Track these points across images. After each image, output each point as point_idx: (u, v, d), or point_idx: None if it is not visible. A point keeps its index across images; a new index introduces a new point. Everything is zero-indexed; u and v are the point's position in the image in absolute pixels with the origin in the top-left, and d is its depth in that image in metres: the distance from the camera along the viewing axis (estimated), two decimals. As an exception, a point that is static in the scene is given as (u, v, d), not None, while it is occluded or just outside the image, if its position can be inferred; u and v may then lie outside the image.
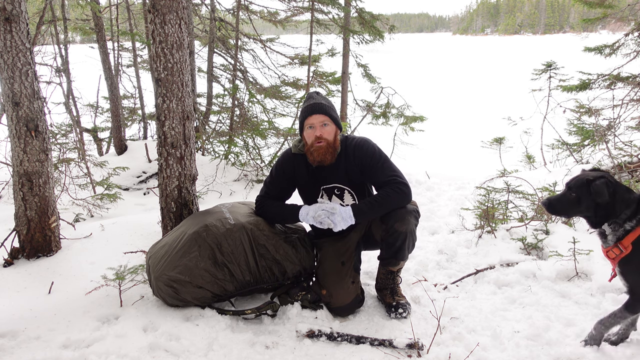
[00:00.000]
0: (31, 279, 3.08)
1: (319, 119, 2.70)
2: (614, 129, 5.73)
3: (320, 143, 2.69)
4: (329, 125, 2.71)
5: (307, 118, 2.71)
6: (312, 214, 2.68)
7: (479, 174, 6.01)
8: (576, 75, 6.40)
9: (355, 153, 2.77)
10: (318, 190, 2.83)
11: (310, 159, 2.74)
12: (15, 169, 3.23)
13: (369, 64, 8.66)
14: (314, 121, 2.70)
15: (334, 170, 2.78)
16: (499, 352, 2.36)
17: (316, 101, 2.73)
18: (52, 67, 6.92)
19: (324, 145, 2.69)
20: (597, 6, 6.03)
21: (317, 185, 2.83)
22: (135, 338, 2.39)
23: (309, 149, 2.73)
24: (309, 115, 2.71)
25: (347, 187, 2.80)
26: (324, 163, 2.72)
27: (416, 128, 8.59)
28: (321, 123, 2.70)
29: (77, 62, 7.87)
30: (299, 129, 2.82)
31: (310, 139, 2.71)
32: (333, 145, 2.72)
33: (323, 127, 2.70)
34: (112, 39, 8.75)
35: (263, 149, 7.00)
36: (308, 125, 2.72)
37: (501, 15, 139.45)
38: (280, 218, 2.84)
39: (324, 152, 2.69)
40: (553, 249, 3.31)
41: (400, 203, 2.66)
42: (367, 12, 8.00)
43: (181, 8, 2.98)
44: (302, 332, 2.50)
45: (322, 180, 2.81)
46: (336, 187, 2.81)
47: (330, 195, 2.82)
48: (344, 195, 2.82)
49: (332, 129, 2.73)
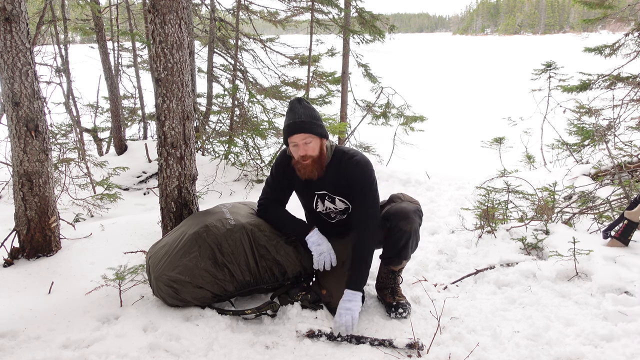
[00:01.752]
0: (31, 279, 3.08)
1: (301, 138, 2.62)
2: (614, 129, 5.73)
3: (306, 161, 2.65)
4: (312, 142, 2.64)
5: (289, 137, 2.66)
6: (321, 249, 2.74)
7: (479, 174, 6.01)
8: (576, 75, 6.41)
9: (349, 169, 2.70)
10: (313, 195, 2.83)
11: (299, 174, 2.72)
12: (15, 169, 3.23)
13: (369, 63, 8.66)
14: (296, 140, 2.64)
15: (323, 181, 2.75)
16: (499, 352, 2.36)
17: (296, 119, 2.64)
18: (52, 67, 6.92)
19: (310, 162, 2.65)
20: (597, 6, 6.03)
21: (311, 190, 2.83)
22: (135, 338, 2.39)
23: (296, 164, 2.71)
24: (290, 136, 2.65)
25: (336, 196, 2.79)
26: (312, 179, 2.70)
27: (416, 128, 8.60)
28: (303, 141, 2.63)
29: (77, 62, 7.88)
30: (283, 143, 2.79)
31: (296, 156, 2.68)
32: (319, 160, 2.68)
33: (306, 145, 2.63)
34: (112, 39, 8.75)
35: (263, 149, 7.01)
36: (292, 143, 2.67)
37: (501, 15, 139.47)
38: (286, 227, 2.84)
39: (311, 169, 2.66)
40: (553, 249, 3.31)
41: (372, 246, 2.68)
42: (367, 12, 8.01)
43: (181, 8, 2.98)
44: (302, 332, 2.50)
45: (314, 187, 2.80)
46: (327, 195, 2.80)
47: (323, 200, 2.82)
48: (335, 201, 2.81)
49: (316, 144, 2.66)
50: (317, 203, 2.83)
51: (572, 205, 4.27)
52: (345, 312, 2.52)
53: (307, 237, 2.76)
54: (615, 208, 3.94)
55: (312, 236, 2.76)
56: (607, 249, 3.29)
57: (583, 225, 3.90)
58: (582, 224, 3.92)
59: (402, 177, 6.09)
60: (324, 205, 2.83)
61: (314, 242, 2.75)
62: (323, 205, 2.82)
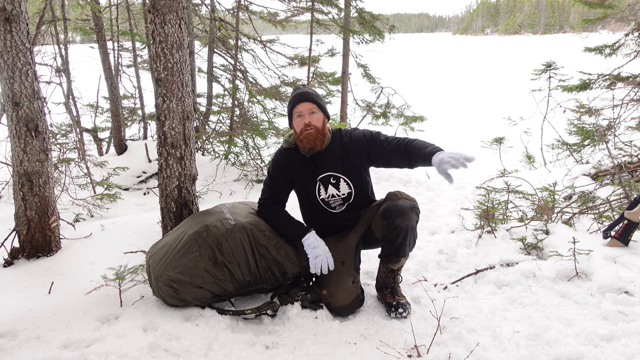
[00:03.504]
0: (31, 279, 3.08)
1: (307, 107, 2.75)
2: (614, 129, 5.73)
3: (309, 130, 2.73)
4: (317, 113, 2.77)
5: (295, 106, 2.77)
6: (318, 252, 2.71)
7: (479, 174, 6.01)
8: (576, 75, 6.40)
9: (350, 140, 2.84)
10: (315, 182, 2.84)
11: (301, 146, 2.79)
12: (15, 169, 3.23)
13: (369, 64, 8.66)
14: (302, 109, 2.75)
15: (327, 157, 2.82)
16: (499, 352, 2.36)
17: (303, 90, 2.80)
18: (52, 67, 6.91)
19: (313, 132, 2.74)
20: (597, 6, 6.03)
21: (313, 176, 2.84)
22: (135, 338, 2.39)
23: (298, 137, 2.78)
24: (297, 104, 2.77)
25: (342, 175, 2.82)
26: (314, 149, 2.78)
27: (416, 128, 8.60)
28: (309, 111, 2.75)
29: (77, 62, 7.87)
30: (288, 120, 2.88)
31: (300, 127, 2.76)
32: (322, 132, 2.78)
33: (311, 114, 2.75)
34: (112, 39, 8.75)
35: (263, 149, 7.00)
36: (297, 113, 2.77)
37: (501, 15, 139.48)
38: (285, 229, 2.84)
39: (314, 138, 2.74)
40: (553, 249, 3.31)
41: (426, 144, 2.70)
42: (367, 12, 8.01)
43: (181, 8, 2.98)
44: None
45: (317, 170, 2.83)
46: (331, 176, 2.82)
47: (326, 186, 2.83)
48: (339, 184, 2.83)
49: (320, 117, 2.79)
50: (319, 190, 2.84)
51: (572, 205, 4.27)
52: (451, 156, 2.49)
53: (304, 240, 2.76)
54: (615, 208, 3.94)
55: (308, 238, 2.75)
56: (607, 249, 3.29)
57: (583, 225, 3.90)
58: (582, 224, 3.92)
59: (402, 176, 6.08)
60: (326, 192, 2.83)
61: (310, 245, 2.74)
62: (326, 192, 2.83)
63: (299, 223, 2.87)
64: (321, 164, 2.82)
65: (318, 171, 2.83)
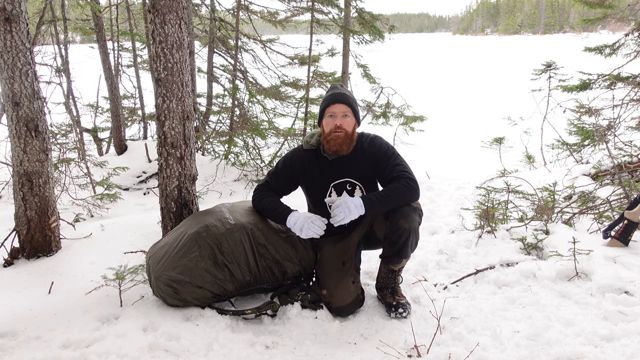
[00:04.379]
0: (31, 279, 3.08)
1: (341, 109, 2.70)
2: (614, 129, 5.73)
3: (339, 132, 2.69)
4: (349, 117, 2.72)
5: (330, 106, 2.72)
6: (299, 224, 2.65)
7: (479, 174, 6.01)
8: (576, 75, 6.41)
9: (369, 148, 2.80)
10: (327, 187, 2.82)
11: (327, 147, 2.74)
12: (15, 169, 3.23)
13: (369, 64, 8.66)
14: (335, 110, 2.70)
15: (349, 163, 2.78)
16: (499, 352, 2.36)
17: (340, 91, 2.75)
18: (52, 67, 6.92)
19: (342, 135, 2.69)
20: (597, 6, 6.03)
21: (327, 181, 2.81)
22: (135, 338, 2.39)
23: (325, 137, 2.73)
24: (332, 104, 2.71)
25: (358, 182, 2.80)
26: (339, 153, 2.73)
27: (416, 128, 8.61)
28: (343, 113, 2.70)
29: (77, 62, 7.88)
30: (318, 117, 2.82)
31: (329, 127, 2.71)
32: (351, 137, 2.73)
33: (344, 117, 2.70)
34: (112, 39, 8.75)
35: (263, 149, 7.00)
36: (329, 113, 2.72)
37: (501, 15, 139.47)
38: (270, 215, 2.81)
39: (341, 142, 2.70)
40: (553, 249, 3.31)
41: (409, 199, 2.66)
42: (367, 12, 8.01)
43: (181, 8, 2.98)
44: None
45: (334, 175, 2.80)
46: (348, 182, 2.80)
47: (340, 192, 2.82)
48: (354, 191, 2.82)
49: (352, 121, 2.74)
50: (330, 195, 2.83)
51: (572, 205, 4.27)
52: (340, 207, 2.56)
53: (287, 223, 2.70)
54: (615, 208, 3.94)
55: (289, 220, 2.69)
56: (607, 249, 3.29)
57: (583, 225, 3.90)
58: (582, 224, 3.92)
59: (402, 177, 6.08)
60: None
61: (294, 223, 2.67)
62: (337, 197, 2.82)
63: (283, 207, 2.78)
64: (341, 167, 2.79)
65: (335, 176, 2.80)
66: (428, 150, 9.13)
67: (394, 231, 2.66)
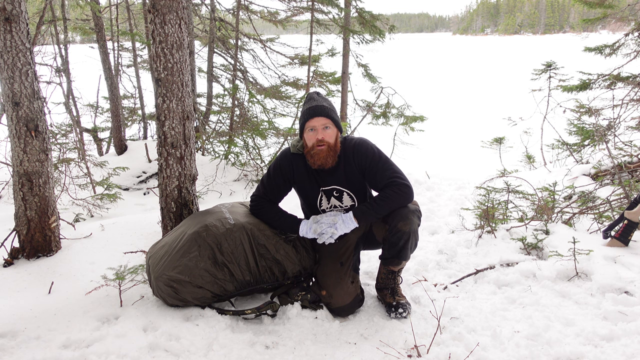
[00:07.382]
0: (31, 279, 3.08)
1: (321, 122, 2.66)
2: (614, 129, 5.73)
3: (322, 146, 2.65)
4: (330, 128, 2.68)
5: (309, 120, 2.67)
6: (313, 230, 2.71)
7: (479, 174, 6.01)
8: (576, 75, 6.41)
9: (354, 155, 2.75)
10: (317, 191, 2.82)
11: (311, 162, 2.72)
12: (15, 169, 3.23)
13: (369, 63, 8.67)
14: (315, 124, 2.66)
15: (334, 173, 2.76)
16: (499, 352, 2.36)
17: (318, 103, 2.69)
18: (52, 67, 6.92)
19: (325, 148, 2.66)
20: (597, 6, 6.03)
21: (317, 186, 2.82)
22: (135, 338, 2.39)
23: (309, 152, 2.70)
24: (311, 118, 2.66)
25: (345, 189, 2.80)
26: (324, 167, 2.70)
27: (416, 128, 8.60)
28: (323, 126, 2.66)
29: (77, 62, 7.88)
30: (299, 131, 2.78)
31: (311, 142, 2.68)
32: (334, 148, 2.70)
33: (325, 130, 2.66)
34: (112, 39, 8.76)
35: (263, 149, 7.01)
36: (309, 127, 2.68)
37: (501, 15, 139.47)
38: (279, 226, 2.82)
39: (325, 156, 2.67)
40: (553, 249, 3.31)
41: (401, 204, 2.65)
42: (367, 12, 8.01)
43: (181, 8, 2.98)
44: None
45: (321, 182, 2.80)
46: (335, 189, 2.80)
47: (329, 197, 2.82)
48: (342, 197, 2.81)
49: (334, 132, 2.70)
50: (321, 200, 2.83)
51: (572, 205, 4.27)
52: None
53: (300, 233, 2.75)
54: (615, 208, 3.94)
55: (302, 229, 2.75)
56: (607, 249, 3.29)
57: (583, 225, 3.90)
58: (582, 224, 3.92)
59: (402, 177, 6.08)
60: (329, 203, 2.82)
61: (309, 230, 2.73)
62: (328, 202, 2.82)
63: (290, 217, 2.82)
64: (326, 176, 2.77)
65: (322, 183, 2.80)
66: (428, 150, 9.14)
67: (393, 234, 2.66)
